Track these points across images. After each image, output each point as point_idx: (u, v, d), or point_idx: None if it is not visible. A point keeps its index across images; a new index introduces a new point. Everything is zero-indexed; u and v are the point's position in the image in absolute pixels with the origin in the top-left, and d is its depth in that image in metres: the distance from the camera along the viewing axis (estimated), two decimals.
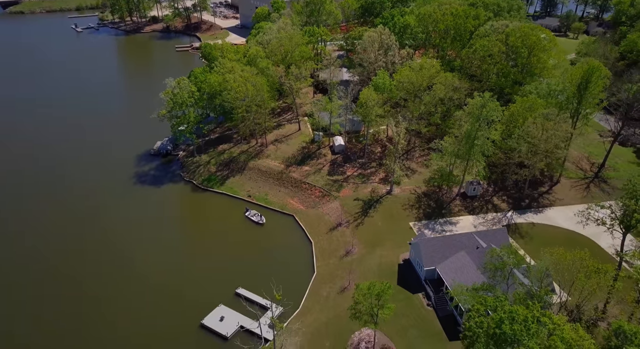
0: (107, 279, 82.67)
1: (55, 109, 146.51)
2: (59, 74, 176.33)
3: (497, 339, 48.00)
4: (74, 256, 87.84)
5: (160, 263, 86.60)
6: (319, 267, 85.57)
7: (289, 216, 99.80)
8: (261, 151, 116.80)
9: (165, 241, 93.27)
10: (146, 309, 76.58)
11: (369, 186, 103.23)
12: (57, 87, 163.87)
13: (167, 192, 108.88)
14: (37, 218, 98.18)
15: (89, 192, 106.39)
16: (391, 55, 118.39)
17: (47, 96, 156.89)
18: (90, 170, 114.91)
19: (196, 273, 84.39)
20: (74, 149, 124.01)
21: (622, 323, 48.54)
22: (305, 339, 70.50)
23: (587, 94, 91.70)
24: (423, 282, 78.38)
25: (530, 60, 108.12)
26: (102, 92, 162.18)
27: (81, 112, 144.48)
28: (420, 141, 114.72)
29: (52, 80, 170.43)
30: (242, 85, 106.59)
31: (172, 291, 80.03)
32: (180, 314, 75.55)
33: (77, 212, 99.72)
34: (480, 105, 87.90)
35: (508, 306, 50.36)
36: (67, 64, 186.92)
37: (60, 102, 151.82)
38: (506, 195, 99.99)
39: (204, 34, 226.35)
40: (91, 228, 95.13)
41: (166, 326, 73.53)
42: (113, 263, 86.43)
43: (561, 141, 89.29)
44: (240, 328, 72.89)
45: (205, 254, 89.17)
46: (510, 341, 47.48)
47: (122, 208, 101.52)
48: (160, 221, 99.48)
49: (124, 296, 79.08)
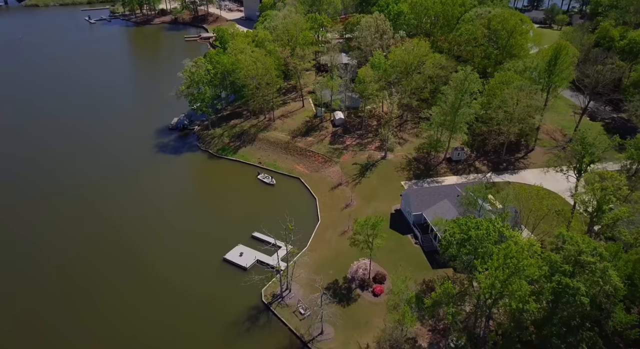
0: (143, 227, 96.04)
1: (79, 92, 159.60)
2: (79, 61, 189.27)
3: (465, 242, 61.47)
4: (110, 208, 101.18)
5: (186, 214, 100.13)
6: (322, 217, 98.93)
7: (295, 179, 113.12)
8: (269, 125, 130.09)
9: (188, 197, 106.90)
10: (178, 249, 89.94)
11: (365, 152, 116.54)
12: (78, 73, 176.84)
13: (186, 159, 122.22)
14: (78, 178, 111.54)
15: (117, 160, 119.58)
16: (386, 39, 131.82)
17: (69, 80, 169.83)
18: (115, 143, 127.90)
19: (217, 221, 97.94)
20: (98, 126, 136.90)
21: (563, 230, 62.00)
22: (312, 269, 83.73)
23: (556, 69, 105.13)
24: (412, 225, 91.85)
25: (510, 42, 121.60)
26: (119, 76, 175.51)
27: (102, 94, 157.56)
28: (412, 115, 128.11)
29: (73, 66, 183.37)
30: (252, 64, 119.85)
31: (198, 235, 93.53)
32: (206, 251, 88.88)
33: (108, 175, 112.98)
34: (463, 78, 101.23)
35: (474, 220, 63.77)
36: (85, 52, 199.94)
37: (82, 86, 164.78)
38: (487, 159, 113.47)
39: (211, 25, 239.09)
40: (122, 188, 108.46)
41: (195, 260, 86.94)
42: (145, 215, 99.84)
43: (532, 109, 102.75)
44: (257, 261, 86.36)
45: (224, 207, 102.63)
46: (474, 244, 60.94)
47: (148, 172, 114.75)
48: (183, 182, 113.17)
49: (160, 240, 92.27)
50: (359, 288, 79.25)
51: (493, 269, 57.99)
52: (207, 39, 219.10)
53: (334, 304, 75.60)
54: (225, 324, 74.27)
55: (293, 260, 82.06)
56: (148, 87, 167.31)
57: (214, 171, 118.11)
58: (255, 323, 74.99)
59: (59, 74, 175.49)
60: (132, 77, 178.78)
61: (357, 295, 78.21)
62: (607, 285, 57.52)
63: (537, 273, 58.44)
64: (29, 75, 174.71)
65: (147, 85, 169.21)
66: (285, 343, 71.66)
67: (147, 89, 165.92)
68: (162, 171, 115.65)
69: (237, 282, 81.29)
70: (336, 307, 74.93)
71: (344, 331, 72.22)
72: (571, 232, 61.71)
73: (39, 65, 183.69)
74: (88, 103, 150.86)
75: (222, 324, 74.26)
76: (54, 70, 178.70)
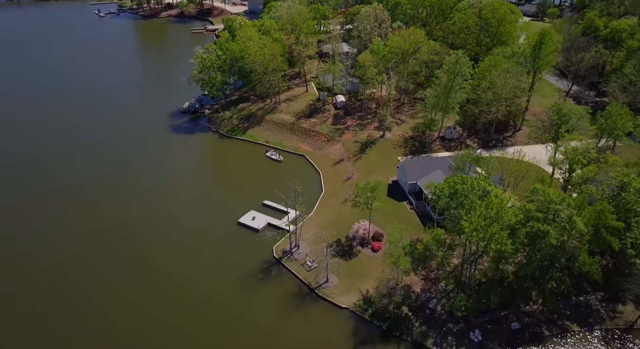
0: (164, 196, 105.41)
1: (92, 80, 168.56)
2: (92, 52, 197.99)
3: (452, 195, 70.83)
4: (131, 182, 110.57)
5: (201, 186, 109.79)
6: (326, 188, 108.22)
7: (300, 156, 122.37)
8: (275, 108, 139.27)
9: (203, 171, 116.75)
10: (195, 215, 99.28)
11: (365, 132, 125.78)
12: (91, 62, 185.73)
13: (198, 139, 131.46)
14: (95, 155, 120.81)
15: (134, 140, 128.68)
16: (384, 28, 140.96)
17: (83, 68, 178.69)
18: (131, 126, 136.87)
19: (230, 192, 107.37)
20: (114, 111, 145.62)
21: (538, 185, 71.32)
22: (317, 230, 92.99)
23: (540, 53, 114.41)
24: (407, 193, 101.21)
25: (500, 30, 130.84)
26: (130, 66, 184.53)
27: (115, 83, 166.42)
28: (409, 98, 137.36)
29: (87, 57, 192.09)
30: (260, 50, 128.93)
31: (213, 203, 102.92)
32: (222, 216, 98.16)
33: (127, 155, 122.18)
34: (455, 61, 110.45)
35: (461, 177, 73.07)
36: (97, 42, 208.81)
37: (97, 76, 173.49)
38: (477, 138, 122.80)
39: (215, 18, 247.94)
40: (140, 163, 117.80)
41: (213, 223, 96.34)
42: (163, 185, 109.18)
43: (519, 90, 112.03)
44: (267, 224, 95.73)
45: (236, 180, 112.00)
46: (460, 196, 70.29)
47: (164, 150, 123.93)
48: (197, 158, 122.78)
49: (179, 207, 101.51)
50: (360, 245, 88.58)
51: (476, 217, 67.29)
52: (212, 31, 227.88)
53: (338, 258, 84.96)
54: (241, 275, 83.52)
55: (301, 222, 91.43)
56: (158, 75, 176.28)
57: (225, 149, 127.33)
58: (267, 274, 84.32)
59: (76, 64, 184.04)
60: (143, 67, 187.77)
61: (358, 251, 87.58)
62: (573, 230, 66.84)
63: (513, 219, 67.86)
64: (47, 66, 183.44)
65: (158, 74, 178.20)
66: (295, 290, 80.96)
67: (157, 77, 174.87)
68: (177, 149, 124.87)
69: (250, 241, 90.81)
70: (339, 260, 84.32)
71: (346, 279, 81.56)
72: (545, 187, 71.04)
73: (55, 58, 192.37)
74: (105, 91, 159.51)
75: (238, 275, 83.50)
76: (70, 61, 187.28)
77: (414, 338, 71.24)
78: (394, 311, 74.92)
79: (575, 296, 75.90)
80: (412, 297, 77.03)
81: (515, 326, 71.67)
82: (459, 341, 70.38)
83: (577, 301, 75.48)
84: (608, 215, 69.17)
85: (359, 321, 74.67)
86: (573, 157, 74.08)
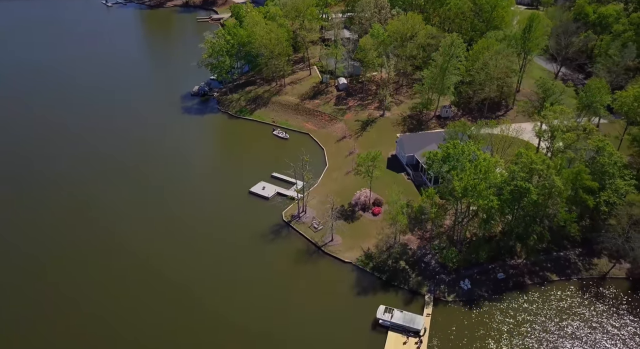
0: (179, 164, 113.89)
1: (105, 67, 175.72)
2: (102, 39, 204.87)
3: (445, 159, 78.99)
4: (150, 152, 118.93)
5: (214, 160, 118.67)
6: (329, 162, 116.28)
7: (305, 134, 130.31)
8: (280, 90, 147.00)
9: (215, 148, 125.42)
10: (210, 184, 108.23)
11: (366, 111, 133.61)
12: (102, 50, 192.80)
13: (209, 119, 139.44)
14: (108, 135, 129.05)
15: (149, 120, 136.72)
16: (384, 14, 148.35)
17: (99, 55, 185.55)
18: (147, 107, 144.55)
19: (241, 165, 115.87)
20: (126, 98, 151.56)
21: (522, 150, 79.39)
22: (322, 198, 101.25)
23: (530, 36, 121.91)
24: (405, 165, 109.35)
25: (493, 14, 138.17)
26: (139, 53, 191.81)
27: (126, 69, 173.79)
28: (407, 81, 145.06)
29: (101, 43, 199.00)
30: (267, 35, 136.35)
31: (226, 174, 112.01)
32: (234, 187, 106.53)
33: (143, 129, 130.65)
34: (450, 43, 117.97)
35: (452, 142, 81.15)
36: (106, 31, 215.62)
37: (106, 62, 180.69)
38: (471, 116, 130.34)
39: (220, 8, 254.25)
40: (157, 136, 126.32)
41: (227, 192, 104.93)
42: (176, 153, 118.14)
43: (510, 70, 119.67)
44: (277, 193, 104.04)
45: (246, 155, 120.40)
46: (452, 159, 78.43)
47: (177, 129, 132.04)
48: (209, 136, 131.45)
49: (193, 180, 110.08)
50: (361, 210, 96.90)
51: (466, 176, 75.43)
52: (217, 20, 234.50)
53: (342, 220, 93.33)
54: (254, 236, 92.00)
55: (308, 190, 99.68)
56: (167, 62, 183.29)
57: (235, 128, 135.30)
58: (278, 235, 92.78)
59: (88, 50, 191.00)
60: (151, 54, 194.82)
61: (360, 215, 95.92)
62: (552, 188, 75.03)
63: (499, 179, 76.06)
64: (61, 52, 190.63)
65: (166, 61, 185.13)
66: (303, 248, 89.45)
67: (166, 63, 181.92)
68: (190, 129, 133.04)
69: (261, 207, 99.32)
70: (343, 223, 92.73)
71: (349, 239, 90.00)
72: (529, 152, 79.16)
73: (69, 45, 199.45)
74: (117, 78, 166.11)
75: (251, 236, 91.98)
76: (83, 48, 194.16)
77: (410, 286, 79.77)
78: (392, 264, 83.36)
79: (556, 251, 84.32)
80: (409, 253, 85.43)
81: (500, 276, 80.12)
82: (450, 288, 78.91)
83: (557, 255, 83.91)
84: (584, 176, 77.30)
85: (361, 273, 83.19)
86: (555, 126, 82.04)
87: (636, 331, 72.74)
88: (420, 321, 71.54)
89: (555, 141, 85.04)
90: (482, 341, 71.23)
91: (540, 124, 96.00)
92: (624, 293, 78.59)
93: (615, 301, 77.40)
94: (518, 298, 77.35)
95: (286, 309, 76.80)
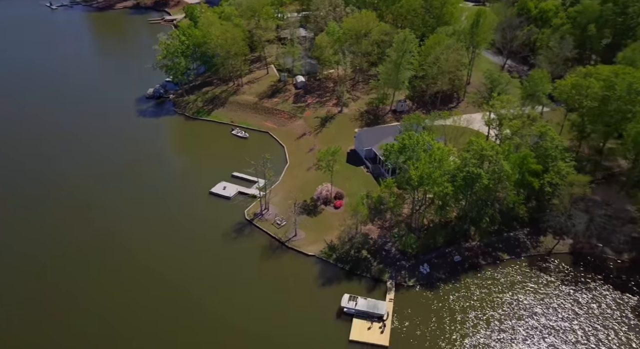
0: (135, 176, 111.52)
1: (52, 73, 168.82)
2: (47, 44, 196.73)
3: (401, 150, 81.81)
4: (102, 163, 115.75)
5: (173, 162, 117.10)
6: (290, 159, 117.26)
7: (265, 133, 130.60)
8: (238, 90, 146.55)
9: (173, 149, 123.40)
10: (170, 185, 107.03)
11: (325, 108, 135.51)
12: (48, 55, 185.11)
13: (165, 122, 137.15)
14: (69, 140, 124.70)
15: (102, 124, 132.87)
16: (338, 11, 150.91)
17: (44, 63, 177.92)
18: (97, 113, 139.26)
19: (201, 166, 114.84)
20: (78, 102, 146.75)
21: (473, 138, 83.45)
22: (285, 194, 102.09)
23: (477, 30, 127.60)
24: (364, 159, 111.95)
25: (442, 11, 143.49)
26: (89, 57, 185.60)
27: (75, 73, 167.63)
28: (363, 77, 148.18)
29: (45, 48, 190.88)
30: (222, 35, 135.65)
31: (185, 177, 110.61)
32: (194, 188, 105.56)
33: (94, 135, 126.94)
34: (403, 39, 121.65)
35: (407, 133, 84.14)
36: (51, 36, 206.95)
37: (53, 67, 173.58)
38: (425, 109, 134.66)
39: (173, 9, 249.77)
40: (110, 142, 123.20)
41: (187, 194, 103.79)
42: (133, 166, 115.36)
43: (460, 64, 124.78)
44: (238, 193, 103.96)
45: (205, 156, 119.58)
46: (408, 150, 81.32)
47: (131, 133, 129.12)
48: (166, 139, 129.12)
49: (151, 184, 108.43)
50: (323, 204, 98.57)
51: (421, 165, 78.44)
52: (170, 22, 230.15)
53: (304, 215, 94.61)
54: (215, 236, 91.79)
55: (270, 188, 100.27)
56: (119, 65, 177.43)
57: (192, 130, 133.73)
58: (241, 233, 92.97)
59: (31, 57, 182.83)
60: (102, 58, 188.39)
61: (322, 209, 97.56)
62: (501, 172, 79.29)
63: (452, 166, 79.60)
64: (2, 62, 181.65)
65: (118, 64, 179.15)
66: (267, 245, 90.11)
67: (118, 67, 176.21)
68: (146, 132, 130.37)
69: (223, 207, 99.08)
70: (306, 217, 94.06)
71: (312, 233, 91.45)
72: (478, 139, 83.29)
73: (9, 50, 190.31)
74: (66, 83, 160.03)
75: (214, 235, 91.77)
76: (25, 54, 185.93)
77: (372, 274, 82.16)
78: (355, 254, 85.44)
79: (506, 232, 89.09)
80: (371, 242, 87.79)
81: (457, 258, 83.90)
82: (410, 273, 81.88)
83: (507, 236, 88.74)
84: (529, 160, 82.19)
85: (325, 265, 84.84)
86: (502, 114, 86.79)
87: (578, 299, 78.84)
88: (383, 307, 73.95)
89: (503, 129, 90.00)
90: (442, 320, 74.54)
91: (489, 114, 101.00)
92: (568, 266, 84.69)
93: (559, 273, 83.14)
94: (474, 277, 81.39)
95: (250, 304, 77.53)
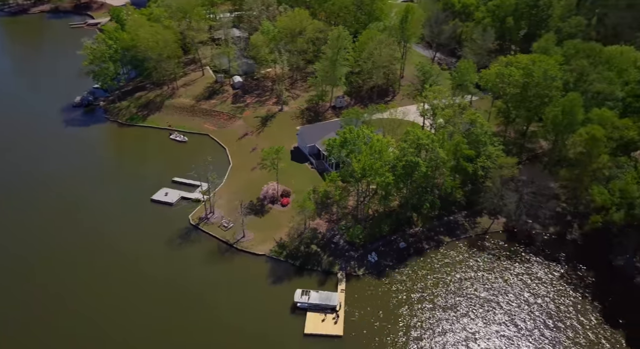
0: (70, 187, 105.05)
1: None
2: None
3: (343, 144, 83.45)
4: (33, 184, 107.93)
5: (108, 172, 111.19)
6: (233, 161, 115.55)
7: (204, 135, 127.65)
8: (173, 93, 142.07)
9: (107, 158, 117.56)
10: (109, 196, 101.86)
11: (265, 107, 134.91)
12: None
13: (96, 130, 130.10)
14: None
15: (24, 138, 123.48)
16: (271, 10, 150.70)
17: None
18: (20, 124, 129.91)
19: (140, 173, 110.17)
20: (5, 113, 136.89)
21: (410, 128, 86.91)
22: (230, 196, 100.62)
23: (407, 26, 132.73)
24: (307, 155, 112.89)
25: (373, 7, 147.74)
26: (7, 66, 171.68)
27: None
28: (301, 75, 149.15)
29: None
30: (152, 37, 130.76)
31: (124, 185, 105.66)
32: (134, 196, 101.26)
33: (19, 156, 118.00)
34: (337, 36, 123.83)
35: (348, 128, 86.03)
36: None
37: None
38: (363, 104, 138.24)
39: (96, 12, 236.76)
40: (38, 155, 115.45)
41: (127, 203, 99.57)
42: (65, 178, 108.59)
43: (392, 58, 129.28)
44: (181, 198, 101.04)
45: (143, 163, 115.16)
46: (349, 144, 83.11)
47: (59, 144, 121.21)
48: (98, 148, 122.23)
49: (89, 194, 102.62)
50: (270, 203, 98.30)
51: (363, 157, 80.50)
52: (94, 26, 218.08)
53: (252, 215, 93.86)
54: (161, 242, 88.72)
55: (214, 191, 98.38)
56: (40, 74, 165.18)
57: (127, 137, 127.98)
58: (187, 239, 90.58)
59: None
60: (20, 67, 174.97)
61: (269, 208, 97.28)
62: (438, 159, 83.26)
63: (391, 156, 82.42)
64: None
65: (38, 73, 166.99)
66: (214, 249, 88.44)
67: (40, 74, 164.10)
68: (75, 142, 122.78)
69: (166, 214, 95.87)
70: (254, 218, 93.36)
71: (261, 233, 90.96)
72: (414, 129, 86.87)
73: None
74: None
75: (157, 244, 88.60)
76: None
77: (323, 267, 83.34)
78: (305, 250, 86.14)
79: (446, 216, 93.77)
80: (319, 237, 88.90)
81: (402, 245, 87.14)
82: (359, 263, 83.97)
83: (447, 220, 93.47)
84: (462, 146, 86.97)
85: (276, 263, 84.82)
86: (435, 104, 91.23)
87: (510, 271, 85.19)
88: (335, 298, 75.28)
89: (437, 118, 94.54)
90: (391, 304, 77.23)
91: (423, 105, 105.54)
92: (503, 242, 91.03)
93: (496, 250, 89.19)
94: (419, 261, 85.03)
95: (201, 310, 76.01)
